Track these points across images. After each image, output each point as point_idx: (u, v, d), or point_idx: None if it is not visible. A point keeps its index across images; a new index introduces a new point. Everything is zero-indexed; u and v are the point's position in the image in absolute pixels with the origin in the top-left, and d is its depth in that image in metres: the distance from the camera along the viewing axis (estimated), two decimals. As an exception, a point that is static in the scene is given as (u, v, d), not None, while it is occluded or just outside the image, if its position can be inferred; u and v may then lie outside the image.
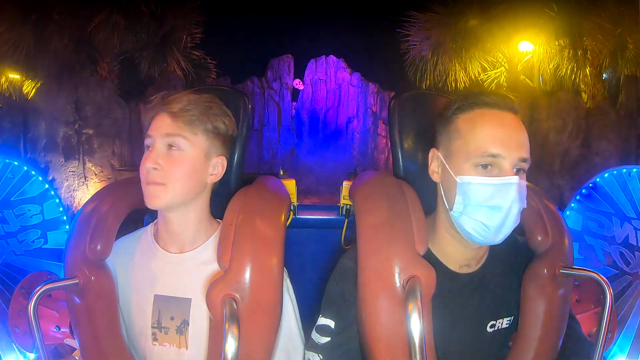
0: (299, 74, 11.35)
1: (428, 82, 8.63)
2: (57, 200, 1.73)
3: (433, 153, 0.98)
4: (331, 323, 1.00)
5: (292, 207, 1.45)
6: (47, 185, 1.71)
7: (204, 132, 1.00)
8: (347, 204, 1.60)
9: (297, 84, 11.34)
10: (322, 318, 1.01)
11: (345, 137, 10.87)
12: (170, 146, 0.97)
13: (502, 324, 1.01)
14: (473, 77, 8.19)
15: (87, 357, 1.00)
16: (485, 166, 0.88)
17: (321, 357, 1.00)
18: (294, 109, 11.28)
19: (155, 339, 1.01)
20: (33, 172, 1.69)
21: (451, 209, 0.93)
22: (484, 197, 0.88)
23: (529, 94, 7.24)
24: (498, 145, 0.87)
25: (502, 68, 7.93)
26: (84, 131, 6.60)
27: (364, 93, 11.05)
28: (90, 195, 1.11)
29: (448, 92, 8.71)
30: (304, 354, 1.04)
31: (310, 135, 10.98)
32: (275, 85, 11.26)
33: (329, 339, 0.99)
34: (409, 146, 1.19)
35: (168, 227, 1.03)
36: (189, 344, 1.00)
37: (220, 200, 1.10)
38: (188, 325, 1.00)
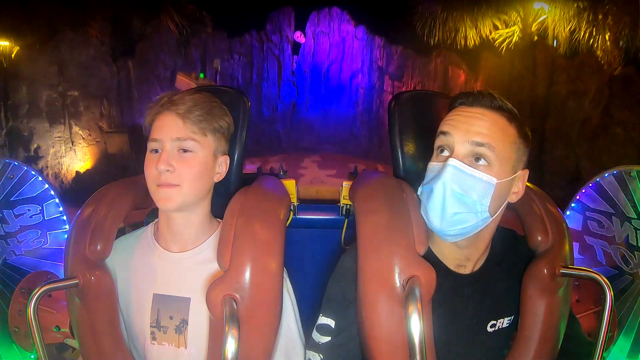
0: (301, 26, 10.61)
1: (437, 38, 8.21)
2: (57, 200, 1.73)
3: None
4: (331, 322, 1.00)
5: (292, 207, 1.45)
6: (47, 185, 1.71)
7: (211, 132, 1.01)
8: (347, 204, 1.59)
9: (298, 37, 10.51)
10: (323, 317, 1.01)
11: (349, 92, 10.25)
12: (182, 149, 0.98)
13: (502, 323, 1.01)
14: (484, 35, 7.78)
15: (87, 357, 1.00)
16: (441, 150, 0.92)
17: (322, 357, 1.00)
18: (295, 63, 10.54)
19: (154, 338, 1.02)
20: (33, 172, 1.69)
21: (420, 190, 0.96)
22: (428, 177, 0.92)
23: (548, 55, 6.79)
24: (449, 125, 0.91)
25: (515, 27, 7.47)
26: (68, 93, 6.11)
27: (370, 47, 10.36)
28: (78, 160, 1.11)
29: (457, 49, 8.07)
30: (305, 353, 1.04)
31: (312, 91, 10.35)
32: (275, 39, 10.49)
33: (329, 338, 1.00)
34: (409, 146, 1.19)
35: (171, 227, 1.03)
36: (188, 343, 1.00)
37: (220, 200, 1.10)
38: (187, 325, 1.00)
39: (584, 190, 2.04)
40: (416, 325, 0.78)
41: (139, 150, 3.05)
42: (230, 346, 0.78)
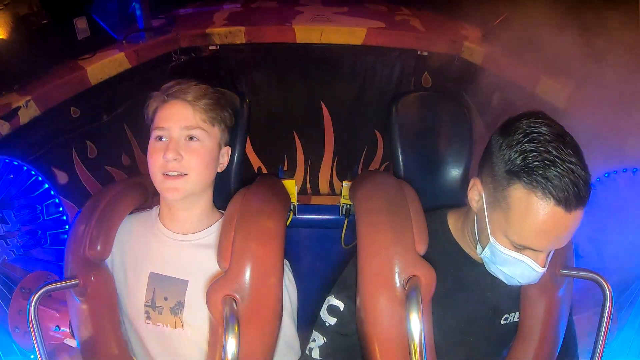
0: None
1: None
2: (57, 200, 1.73)
3: (474, 184, 0.91)
4: (341, 305, 1.01)
5: (292, 207, 1.45)
6: (47, 185, 1.71)
7: (218, 123, 1.03)
8: (347, 204, 1.60)
9: None
10: (334, 299, 1.02)
11: None
12: (189, 137, 0.98)
13: (514, 317, 1.03)
14: None
15: (87, 357, 1.00)
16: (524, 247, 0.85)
17: (325, 341, 1.00)
18: None
19: (148, 318, 1.01)
20: (33, 172, 1.68)
21: (479, 251, 0.93)
22: (508, 266, 0.88)
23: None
24: (540, 244, 0.82)
25: None
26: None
27: None
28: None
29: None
30: (299, 352, 1.05)
31: None
32: None
33: (335, 320, 1.01)
34: (409, 146, 1.19)
35: (173, 215, 1.04)
36: (184, 324, 1.00)
37: (220, 199, 1.10)
38: (183, 307, 1.00)
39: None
40: (416, 325, 0.78)
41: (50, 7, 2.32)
42: (231, 346, 0.78)
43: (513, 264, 0.86)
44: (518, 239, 0.83)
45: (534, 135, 0.79)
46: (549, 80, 1.83)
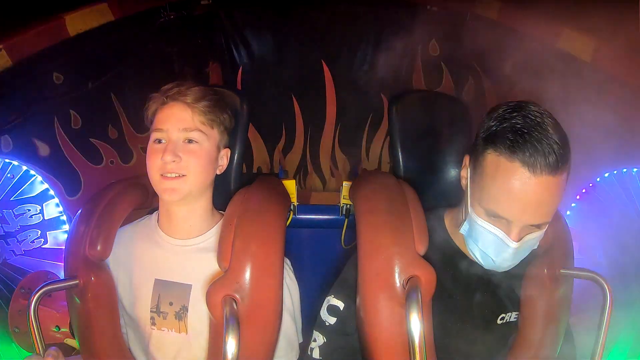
0: None
1: None
2: (57, 200, 1.73)
3: (465, 161, 0.94)
4: (341, 305, 1.01)
5: (292, 207, 1.46)
6: (47, 185, 1.71)
7: (217, 125, 1.03)
8: (347, 204, 1.60)
9: None
10: (334, 299, 1.02)
11: None
12: (188, 139, 0.98)
13: (510, 317, 1.03)
14: None
15: (87, 357, 1.00)
16: (493, 217, 0.86)
17: (325, 341, 1.01)
18: None
19: (153, 323, 1.02)
20: (32, 172, 1.68)
21: (460, 226, 0.94)
22: (482, 240, 0.89)
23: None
24: (508, 212, 0.83)
25: None
26: None
27: None
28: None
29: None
30: (298, 352, 1.05)
31: None
32: None
33: (335, 319, 1.01)
34: (409, 146, 1.19)
35: (171, 219, 1.04)
36: (188, 329, 1.00)
37: (220, 199, 1.10)
38: (187, 312, 1.00)
39: (584, 190, 2.05)
40: (416, 325, 0.78)
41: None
42: (231, 346, 0.78)
43: (487, 238, 0.87)
44: (487, 203, 0.85)
45: (516, 109, 0.83)
46: (573, 32, 1.70)
